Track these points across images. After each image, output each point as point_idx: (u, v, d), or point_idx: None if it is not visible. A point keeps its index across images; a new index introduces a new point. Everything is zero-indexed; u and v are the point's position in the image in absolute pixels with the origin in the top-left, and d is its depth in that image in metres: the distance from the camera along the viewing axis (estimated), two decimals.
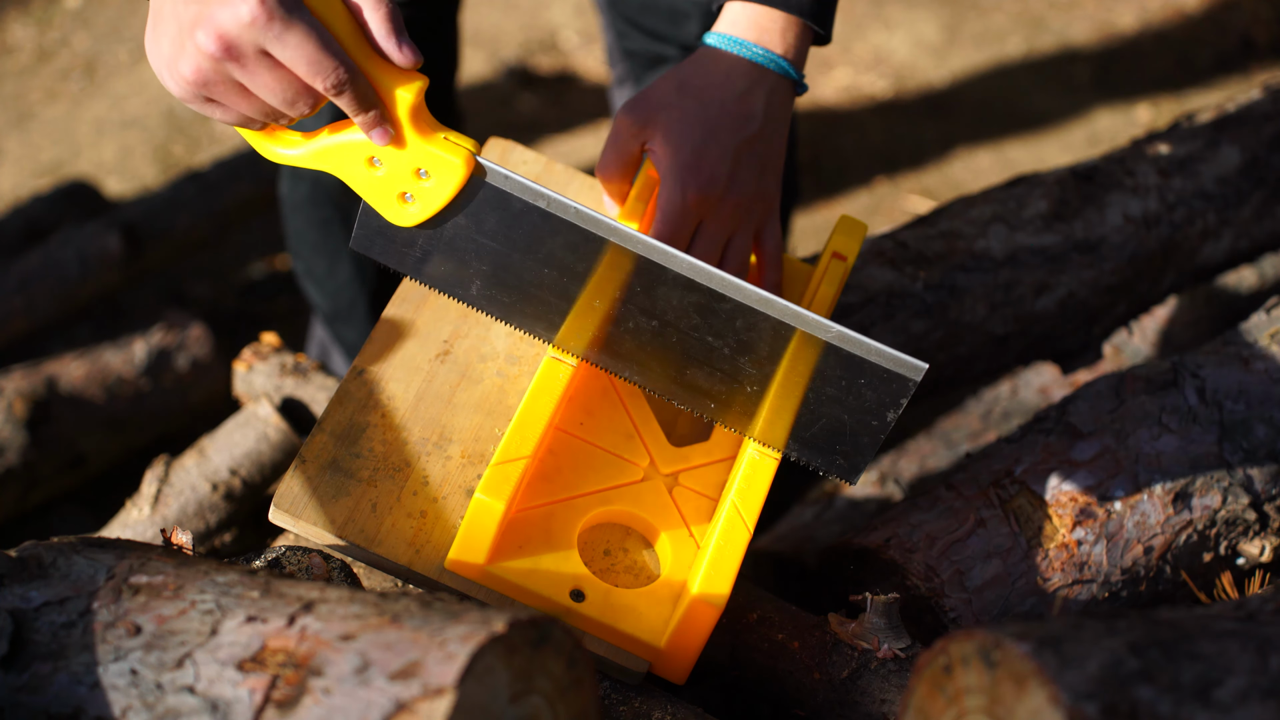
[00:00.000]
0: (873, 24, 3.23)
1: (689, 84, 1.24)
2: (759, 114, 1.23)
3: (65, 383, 2.20)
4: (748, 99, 1.23)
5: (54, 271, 2.32)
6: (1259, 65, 3.10)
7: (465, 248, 1.15)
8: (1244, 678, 0.83)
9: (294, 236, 2.00)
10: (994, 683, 0.84)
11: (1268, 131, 1.65)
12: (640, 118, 1.24)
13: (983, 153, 2.96)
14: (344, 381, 1.23)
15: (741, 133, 1.23)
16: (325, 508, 1.15)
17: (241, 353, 1.67)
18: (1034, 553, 1.27)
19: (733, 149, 1.22)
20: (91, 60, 3.16)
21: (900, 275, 1.47)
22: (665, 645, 1.12)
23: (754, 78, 1.23)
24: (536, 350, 1.28)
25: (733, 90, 1.23)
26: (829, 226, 2.71)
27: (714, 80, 1.23)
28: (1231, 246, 1.65)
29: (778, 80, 1.24)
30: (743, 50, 1.23)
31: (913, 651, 1.17)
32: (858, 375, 1.11)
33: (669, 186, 1.22)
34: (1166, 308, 2.01)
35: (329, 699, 0.86)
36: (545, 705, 0.90)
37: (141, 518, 1.59)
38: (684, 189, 1.21)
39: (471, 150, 1.10)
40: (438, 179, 1.11)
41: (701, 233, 1.24)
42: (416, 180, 1.11)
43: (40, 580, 0.98)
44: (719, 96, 1.23)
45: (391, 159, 1.11)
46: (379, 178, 1.12)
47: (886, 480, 1.92)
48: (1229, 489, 1.31)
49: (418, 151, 1.10)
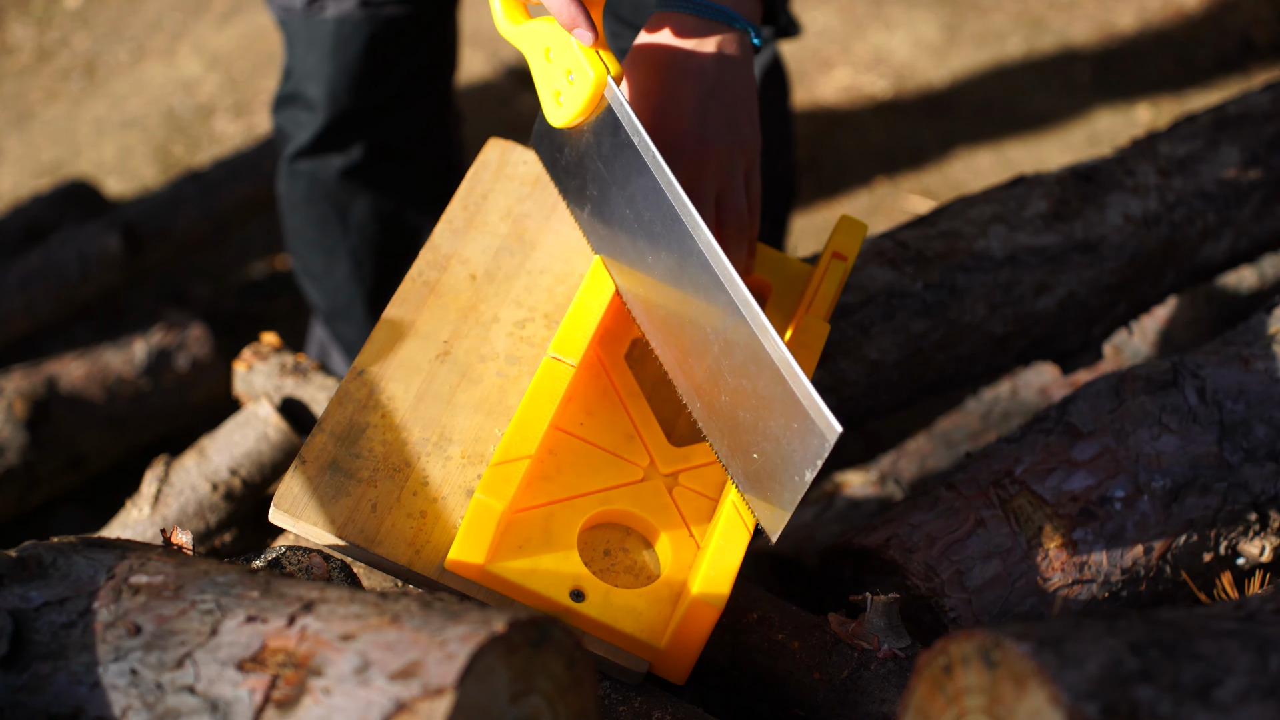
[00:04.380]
0: (873, 24, 3.23)
1: (640, 52, 1.26)
2: (711, 64, 1.25)
3: (65, 383, 2.20)
4: (697, 53, 1.25)
5: (54, 271, 2.32)
6: (1259, 65, 3.10)
7: (588, 166, 1.22)
8: (1244, 678, 0.83)
9: (292, 234, 2.00)
10: (994, 683, 0.84)
11: (1268, 131, 1.65)
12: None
13: (983, 153, 2.96)
14: (344, 382, 1.23)
15: (700, 85, 1.25)
16: (325, 508, 1.15)
17: (241, 353, 1.67)
18: (1034, 553, 1.27)
19: (694, 102, 1.24)
20: (91, 60, 3.16)
21: (900, 275, 1.47)
22: (665, 645, 1.12)
23: (701, 32, 1.25)
24: (536, 351, 1.28)
25: (680, 48, 1.25)
26: (829, 226, 2.71)
27: (663, 42, 1.25)
28: (1231, 246, 1.65)
29: (729, 32, 1.26)
30: (687, 8, 1.25)
31: (913, 651, 1.17)
32: (792, 416, 1.08)
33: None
34: (1166, 308, 2.01)
35: (329, 699, 0.86)
36: (545, 705, 0.90)
37: (141, 518, 1.59)
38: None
39: (608, 69, 1.16)
40: (578, 85, 1.17)
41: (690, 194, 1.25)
42: (566, 81, 1.18)
43: (40, 580, 0.98)
44: (670, 56, 1.25)
45: (557, 55, 1.19)
46: (547, 69, 1.20)
47: (886, 480, 1.92)
48: (1229, 489, 1.31)
49: (569, 53, 1.18)
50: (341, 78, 1.81)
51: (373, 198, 1.93)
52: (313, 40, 1.79)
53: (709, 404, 1.16)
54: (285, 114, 1.88)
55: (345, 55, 1.79)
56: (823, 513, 1.87)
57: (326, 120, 1.84)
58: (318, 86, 1.81)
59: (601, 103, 1.18)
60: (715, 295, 1.13)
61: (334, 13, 1.76)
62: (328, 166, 1.89)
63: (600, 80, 1.17)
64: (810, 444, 1.06)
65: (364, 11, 1.76)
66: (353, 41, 1.78)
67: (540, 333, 1.29)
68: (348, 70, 1.80)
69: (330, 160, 1.88)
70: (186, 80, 3.11)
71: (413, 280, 1.30)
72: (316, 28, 1.78)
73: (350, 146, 1.87)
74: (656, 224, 1.17)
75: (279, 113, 1.89)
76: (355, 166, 1.89)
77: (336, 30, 1.77)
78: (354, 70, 1.80)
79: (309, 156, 1.88)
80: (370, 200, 1.93)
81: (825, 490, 1.92)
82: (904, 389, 1.49)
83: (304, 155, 1.88)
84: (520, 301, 1.31)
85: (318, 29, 1.78)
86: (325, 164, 1.89)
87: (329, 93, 1.82)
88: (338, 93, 1.82)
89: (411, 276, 1.31)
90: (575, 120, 1.20)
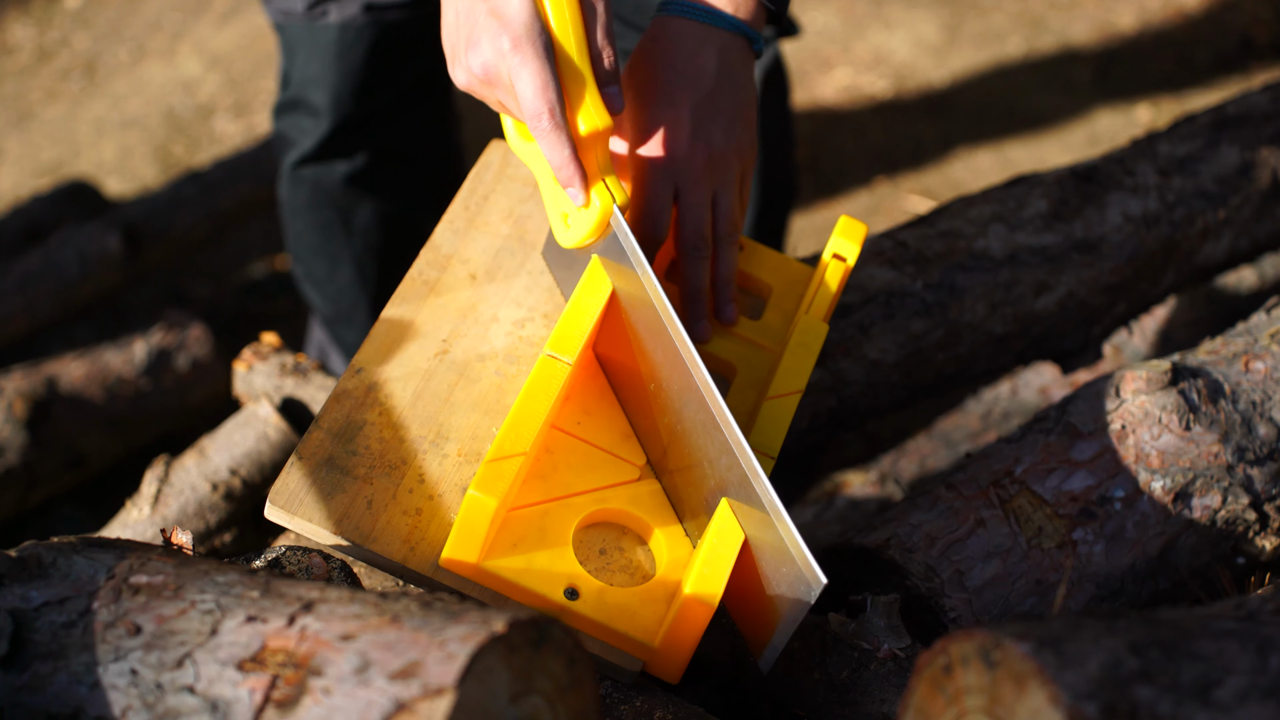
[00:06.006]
0: (873, 24, 3.23)
1: (640, 59, 1.27)
2: (711, 70, 1.25)
3: (65, 383, 2.20)
4: (697, 57, 1.25)
5: (54, 271, 2.32)
6: (1259, 65, 3.10)
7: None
8: (1244, 678, 0.83)
9: (294, 240, 2.00)
10: (994, 683, 0.84)
11: (1268, 131, 1.65)
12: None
13: (983, 153, 2.96)
14: (342, 379, 1.23)
15: (697, 90, 1.25)
16: (321, 504, 1.15)
17: (241, 353, 1.67)
18: (1034, 553, 1.27)
19: (689, 107, 1.24)
20: (91, 60, 3.16)
21: (900, 275, 1.47)
22: (659, 645, 1.12)
23: (701, 37, 1.25)
24: (535, 350, 1.28)
25: (683, 51, 1.25)
26: (829, 226, 2.71)
27: (663, 46, 1.26)
28: (1231, 246, 1.65)
29: (729, 37, 1.26)
30: (689, 13, 1.25)
31: (913, 651, 1.17)
32: (782, 561, 1.09)
33: (636, 157, 1.25)
34: (1166, 308, 2.01)
35: (329, 699, 0.86)
36: (545, 705, 0.90)
37: (141, 518, 1.59)
38: (649, 155, 1.24)
39: (613, 202, 1.18)
40: (586, 213, 1.20)
41: (683, 197, 1.26)
42: (575, 207, 1.21)
43: (40, 580, 0.98)
44: (669, 60, 1.25)
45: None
46: (556, 192, 1.23)
47: (886, 480, 1.92)
48: (1229, 489, 1.31)
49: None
50: (345, 84, 1.79)
51: (376, 203, 1.92)
52: (315, 46, 1.78)
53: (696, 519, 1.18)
54: (287, 120, 1.87)
55: (349, 61, 1.78)
56: (823, 513, 1.87)
57: (330, 127, 1.83)
58: (321, 93, 1.80)
59: (608, 229, 1.20)
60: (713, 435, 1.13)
61: (337, 18, 1.75)
62: (331, 173, 1.88)
63: (606, 211, 1.19)
64: (798, 590, 1.07)
65: (368, 17, 1.75)
66: (357, 47, 1.77)
67: (539, 332, 1.29)
68: (352, 76, 1.79)
69: (334, 166, 1.87)
70: (186, 80, 3.12)
71: (413, 279, 1.30)
72: (319, 33, 1.77)
73: (354, 152, 1.87)
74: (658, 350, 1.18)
75: (280, 119, 1.88)
76: (359, 172, 1.88)
77: (340, 36, 1.76)
78: (358, 76, 1.79)
79: (313, 163, 1.87)
80: (374, 205, 1.92)
81: (825, 490, 1.92)
82: (904, 389, 1.49)
83: (307, 162, 1.87)
84: (520, 301, 1.31)
85: (320, 35, 1.77)
86: (329, 170, 1.88)
87: (333, 99, 1.81)
88: (341, 99, 1.81)
89: (411, 276, 1.31)
90: (582, 244, 1.23)
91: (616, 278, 1.21)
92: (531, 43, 1.13)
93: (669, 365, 1.17)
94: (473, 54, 1.16)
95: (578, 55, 1.16)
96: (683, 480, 1.18)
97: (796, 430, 1.40)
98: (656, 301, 1.16)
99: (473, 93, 1.20)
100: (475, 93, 1.20)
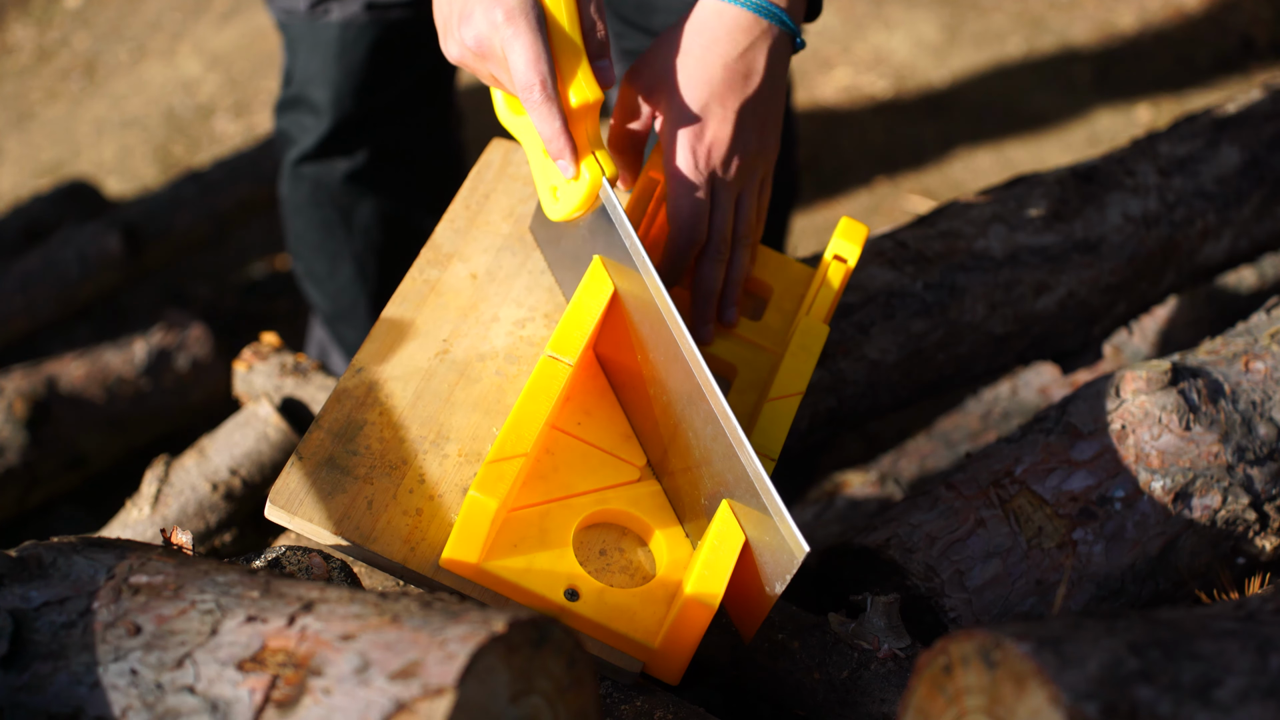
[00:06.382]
0: (873, 24, 3.23)
1: (690, 45, 1.25)
2: (759, 71, 1.24)
3: (65, 383, 2.20)
4: (749, 55, 1.24)
5: (54, 271, 2.32)
6: (1259, 65, 3.10)
7: (583, 259, 1.23)
8: (1244, 678, 0.83)
9: (295, 238, 2.00)
10: (994, 683, 0.84)
11: (1268, 131, 1.65)
12: (646, 85, 1.26)
13: (983, 153, 2.96)
14: (342, 379, 1.23)
15: (743, 92, 1.24)
16: (321, 504, 1.15)
17: (241, 353, 1.67)
18: (1034, 553, 1.27)
19: (735, 110, 1.24)
20: (91, 60, 3.16)
21: (900, 275, 1.47)
22: (659, 645, 1.12)
23: (754, 33, 1.24)
24: (536, 350, 1.28)
25: (734, 47, 1.24)
26: (829, 226, 2.71)
27: (714, 37, 1.24)
28: (1231, 246, 1.65)
29: (778, 35, 1.25)
30: (740, 2, 1.24)
31: (913, 651, 1.17)
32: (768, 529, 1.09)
33: (678, 153, 1.24)
34: (1166, 308, 2.01)
35: (329, 699, 0.86)
36: (545, 705, 0.90)
37: (141, 518, 1.59)
38: (692, 153, 1.23)
39: (602, 175, 1.18)
40: (575, 185, 1.20)
41: (715, 196, 1.26)
42: (563, 179, 1.21)
43: (40, 580, 0.98)
44: (720, 55, 1.24)
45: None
46: (545, 165, 1.23)
47: (886, 480, 1.92)
48: (1229, 489, 1.31)
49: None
50: (347, 82, 1.80)
51: (377, 201, 1.92)
52: (317, 44, 1.78)
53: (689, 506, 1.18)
54: (288, 118, 1.87)
55: (350, 59, 1.78)
56: (823, 513, 1.87)
57: (331, 124, 1.83)
58: (322, 91, 1.80)
59: (596, 201, 1.20)
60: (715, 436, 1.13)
61: (339, 16, 1.75)
62: (332, 171, 1.88)
63: (595, 183, 1.19)
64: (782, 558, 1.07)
65: (369, 15, 1.75)
66: (358, 45, 1.77)
67: (540, 332, 1.29)
68: (353, 74, 1.79)
69: (335, 164, 1.88)
70: (186, 80, 3.12)
71: (413, 279, 1.30)
72: (321, 32, 1.77)
73: (355, 150, 1.87)
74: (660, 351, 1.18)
75: (282, 116, 1.89)
76: (360, 170, 1.88)
77: (341, 34, 1.76)
78: (359, 74, 1.79)
79: (313, 161, 1.87)
80: (374, 203, 1.92)
81: (825, 490, 1.92)
82: (904, 389, 1.49)
83: (308, 159, 1.87)
84: (520, 301, 1.31)
85: (322, 33, 1.77)
86: (330, 168, 1.88)
87: (334, 97, 1.81)
88: (343, 97, 1.81)
89: (412, 275, 1.31)
90: (571, 216, 1.23)
91: (619, 278, 1.20)
92: (524, 15, 1.14)
93: (671, 366, 1.16)
94: (465, 27, 1.17)
95: (570, 28, 1.17)
96: (683, 481, 1.18)
97: (797, 431, 1.40)
98: (660, 303, 1.16)
99: (465, 66, 1.20)
100: (467, 66, 1.20)
